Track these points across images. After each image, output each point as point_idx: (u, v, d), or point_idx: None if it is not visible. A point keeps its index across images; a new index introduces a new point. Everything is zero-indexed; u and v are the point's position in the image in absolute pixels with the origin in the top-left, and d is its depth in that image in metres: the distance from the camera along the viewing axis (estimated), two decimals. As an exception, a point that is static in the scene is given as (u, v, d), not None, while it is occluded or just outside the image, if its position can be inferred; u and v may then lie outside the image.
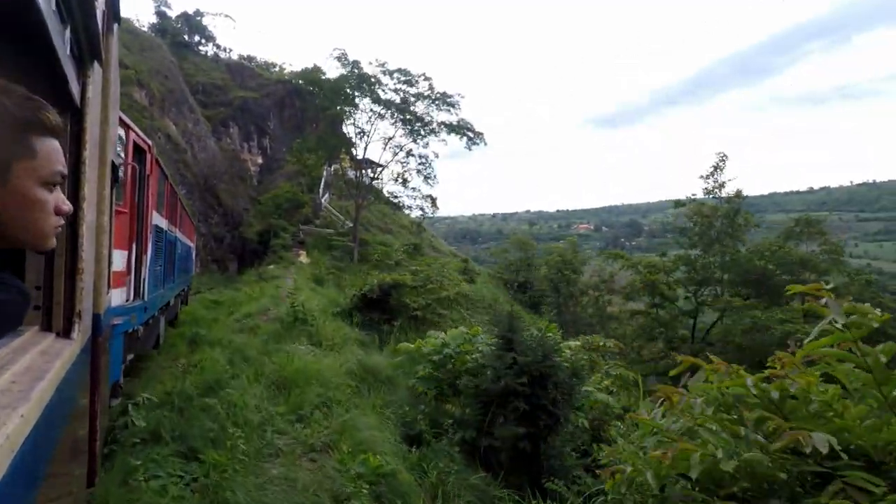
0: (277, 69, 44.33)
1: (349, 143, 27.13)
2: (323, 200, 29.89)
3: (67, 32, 1.20)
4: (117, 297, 4.54)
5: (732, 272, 23.15)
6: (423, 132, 25.97)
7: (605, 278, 28.42)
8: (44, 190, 0.88)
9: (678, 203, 25.12)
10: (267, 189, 30.18)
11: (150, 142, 5.77)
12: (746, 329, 20.15)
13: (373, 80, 25.18)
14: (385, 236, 30.13)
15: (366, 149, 26.85)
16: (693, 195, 24.64)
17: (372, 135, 26.47)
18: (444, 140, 26.37)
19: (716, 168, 23.89)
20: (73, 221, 1.49)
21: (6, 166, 0.82)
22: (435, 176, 26.60)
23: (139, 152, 5.40)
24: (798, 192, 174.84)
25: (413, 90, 25.58)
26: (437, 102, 25.56)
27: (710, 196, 24.07)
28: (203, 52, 38.92)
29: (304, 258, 22.42)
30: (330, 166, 29.85)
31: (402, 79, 25.34)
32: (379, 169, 27.63)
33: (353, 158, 28.25)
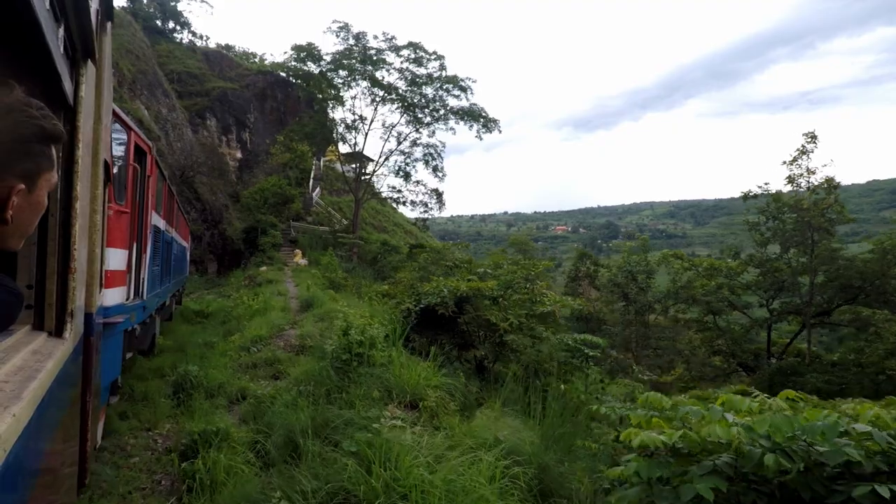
0: (258, 59, 43.96)
1: (347, 129, 26.31)
2: (314, 195, 29.40)
3: (61, 31, 1.26)
4: (118, 295, 4.65)
5: (831, 275, 19.94)
6: (429, 118, 25.25)
7: (682, 284, 24.01)
8: (46, 196, 0.98)
9: (746, 196, 22.24)
10: (248, 185, 29.49)
11: (150, 143, 6.01)
12: (891, 349, 16.72)
13: (375, 57, 24.36)
14: (381, 235, 29.80)
15: (366, 137, 26.17)
16: (766, 184, 21.89)
17: (372, 122, 25.72)
18: (452, 129, 25.82)
19: (802, 152, 20.81)
20: (66, 221, 1.54)
21: (36, 177, 0.91)
22: (443, 168, 26.10)
23: (140, 153, 5.63)
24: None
25: (422, 70, 24.72)
26: (447, 86, 24.77)
27: (795, 185, 21.15)
28: (178, 40, 38.46)
29: (299, 258, 21.35)
30: (319, 160, 29.40)
31: (412, 56, 24.53)
32: (373, 163, 27.15)
33: (344, 153, 27.77)
